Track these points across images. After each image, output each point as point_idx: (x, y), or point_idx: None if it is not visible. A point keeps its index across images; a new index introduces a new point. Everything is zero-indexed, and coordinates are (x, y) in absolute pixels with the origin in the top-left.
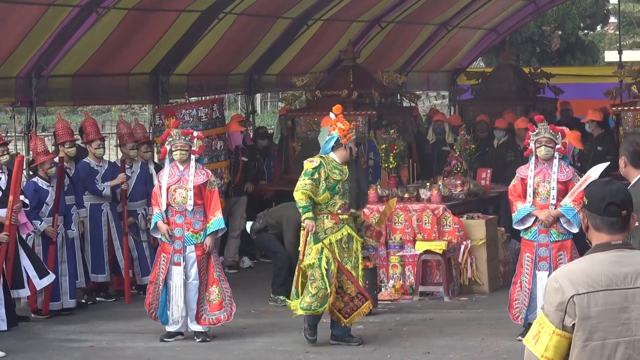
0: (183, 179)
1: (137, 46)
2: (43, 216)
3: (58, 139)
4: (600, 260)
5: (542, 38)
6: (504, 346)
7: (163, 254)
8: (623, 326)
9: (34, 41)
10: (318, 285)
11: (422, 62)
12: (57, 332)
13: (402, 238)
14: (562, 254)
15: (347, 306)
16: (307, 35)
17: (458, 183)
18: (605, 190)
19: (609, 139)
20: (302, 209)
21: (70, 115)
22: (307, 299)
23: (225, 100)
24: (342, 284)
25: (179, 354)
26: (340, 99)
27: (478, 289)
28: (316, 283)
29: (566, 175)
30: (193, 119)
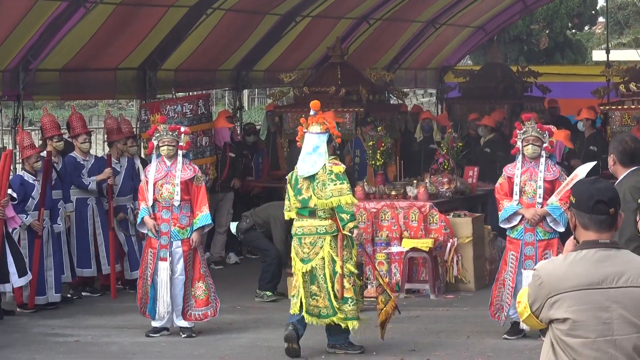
0: (170, 174)
1: (125, 41)
2: (29, 210)
3: (45, 133)
4: (585, 258)
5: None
6: (490, 344)
7: (150, 249)
8: (604, 325)
9: (22, 35)
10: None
11: (410, 60)
12: (43, 326)
13: (389, 235)
14: (548, 252)
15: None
16: (295, 32)
17: (445, 181)
18: (593, 189)
19: (601, 138)
20: (352, 215)
21: (57, 110)
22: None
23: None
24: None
25: (165, 350)
26: (327, 95)
27: (464, 286)
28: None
29: (553, 174)
30: (178, 115)
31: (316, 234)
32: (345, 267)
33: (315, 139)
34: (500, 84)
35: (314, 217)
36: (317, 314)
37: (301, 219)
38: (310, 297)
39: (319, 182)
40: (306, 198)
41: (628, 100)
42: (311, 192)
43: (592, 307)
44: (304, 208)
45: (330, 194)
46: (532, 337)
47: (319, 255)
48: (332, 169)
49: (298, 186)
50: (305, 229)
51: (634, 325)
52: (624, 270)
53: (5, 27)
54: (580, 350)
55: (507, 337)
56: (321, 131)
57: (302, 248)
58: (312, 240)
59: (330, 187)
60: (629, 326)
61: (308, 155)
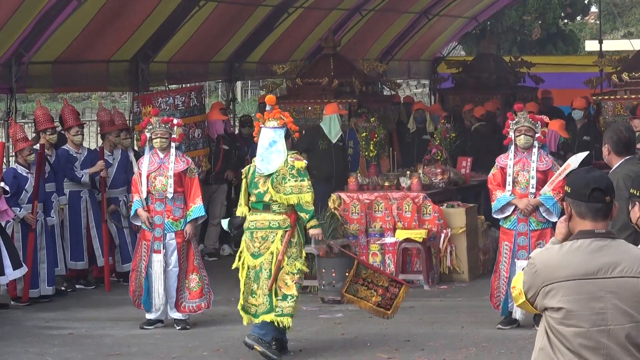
0: (163, 166)
1: (117, 33)
2: (22, 203)
3: (39, 126)
4: (581, 248)
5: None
6: (484, 334)
7: (143, 241)
8: (598, 315)
9: (14, 28)
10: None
11: (403, 51)
12: (37, 319)
13: (382, 226)
14: (541, 242)
15: (384, 298)
16: (287, 23)
17: (438, 171)
18: (589, 177)
19: (594, 128)
20: (311, 214)
21: (50, 102)
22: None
23: (206, 88)
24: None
25: (159, 342)
26: (320, 87)
27: (458, 277)
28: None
29: (545, 165)
30: (170, 107)
31: (268, 229)
32: (294, 265)
33: (271, 134)
34: (494, 74)
35: (267, 211)
36: (254, 313)
37: (255, 212)
38: (250, 295)
39: (278, 175)
40: (262, 192)
41: (621, 90)
42: (268, 186)
43: (586, 298)
44: (258, 202)
45: (290, 190)
46: (527, 327)
47: (269, 250)
48: (294, 164)
49: (255, 180)
50: (258, 222)
51: (628, 315)
52: (619, 261)
53: None
54: (573, 339)
55: (501, 327)
56: (278, 126)
57: (253, 242)
58: (263, 235)
59: (291, 183)
60: (622, 316)
61: (265, 150)
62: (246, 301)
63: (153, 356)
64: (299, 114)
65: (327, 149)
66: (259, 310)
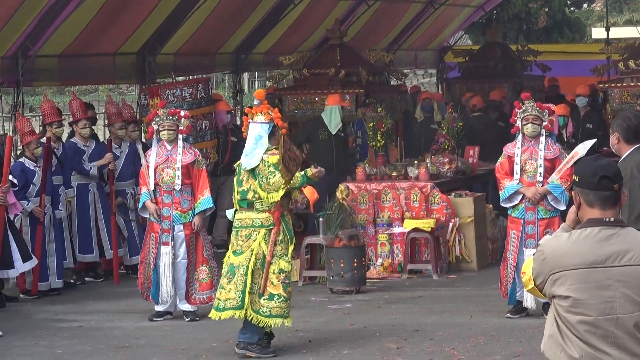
0: (171, 158)
1: (124, 26)
2: (30, 196)
3: (45, 119)
4: (589, 237)
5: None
6: (493, 323)
7: (152, 233)
8: (606, 304)
9: (20, 21)
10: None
11: (410, 40)
12: (46, 312)
13: (391, 216)
14: (549, 231)
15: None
16: (294, 14)
17: (446, 161)
18: (597, 165)
19: (597, 116)
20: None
21: (58, 96)
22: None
23: (213, 79)
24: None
25: (168, 334)
26: (327, 77)
27: (466, 266)
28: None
29: (553, 153)
30: (177, 99)
31: (252, 227)
32: (279, 263)
33: (258, 128)
34: (500, 63)
35: (251, 210)
36: (215, 306)
37: (241, 210)
38: (220, 288)
39: (262, 177)
40: (245, 189)
41: (627, 78)
42: (251, 184)
43: (594, 286)
44: (243, 200)
45: (269, 190)
46: (535, 316)
47: (250, 248)
48: (269, 160)
49: (240, 177)
50: (243, 221)
51: (636, 303)
52: (628, 249)
53: (3, 14)
54: (581, 327)
55: (509, 316)
56: (265, 121)
57: (237, 240)
58: (247, 233)
59: (274, 179)
60: (631, 304)
61: (251, 145)
62: (217, 297)
63: (162, 348)
64: (306, 105)
65: (328, 140)
66: (227, 304)
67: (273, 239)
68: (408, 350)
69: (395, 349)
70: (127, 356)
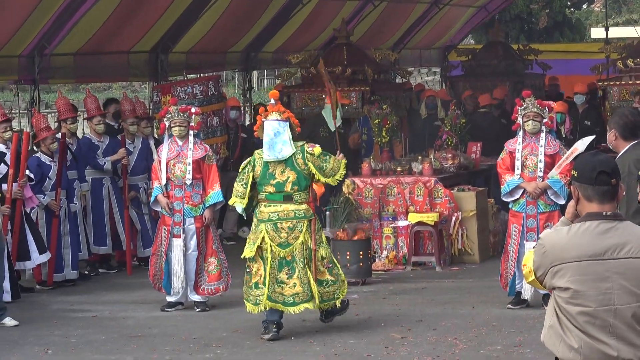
0: (182, 153)
1: (137, 25)
2: (46, 190)
3: (60, 115)
4: (588, 230)
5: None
6: (494, 314)
7: (164, 226)
8: (604, 295)
9: (37, 20)
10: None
11: (415, 40)
12: (61, 302)
13: (395, 210)
14: (549, 224)
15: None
16: (302, 14)
17: (449, 156)
18: (595, 161)
19: (595, 113)
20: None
21: (73, 93)
22: None
23: (223, 77)
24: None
25: (180, 323)
26: (334, 75)
27: (469, 259)
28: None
29: (553, 149)
30: (188, 96)
31: (295, 218)
32: (320, 251)
33: (275, 125)
34: (502, 61)
35: (289, 202)
36: (282, 302)
37: (272, 204)
38: (276, 284)
39: (316, 167)
40: (281, 182)
41: (626, 76)
42: (289, 176)
43: (593, 278)
44: (277, 192)
45: (332, 172)
46: (536, 307)
47: (298, 240)
48: (314, 152)
49: (269, 171)
50: (281, 213)
51: (634, 295)
52: (626, 242)
53: (20, 14)
54: (581, 318)
55: (510, 307)
56: (281, 119)
57: (279, 233)
58: (290, 225)
59: (330, 166)
60: (629, 296)
61: (271, 139)
62: (273, 291)
63: (174, 337)
64: (313, 102)
65: (328, 137)
66: (297, 299)
67: (314, 230)
68: (412, 340)
69: (399, 338)
70: (139, 345)
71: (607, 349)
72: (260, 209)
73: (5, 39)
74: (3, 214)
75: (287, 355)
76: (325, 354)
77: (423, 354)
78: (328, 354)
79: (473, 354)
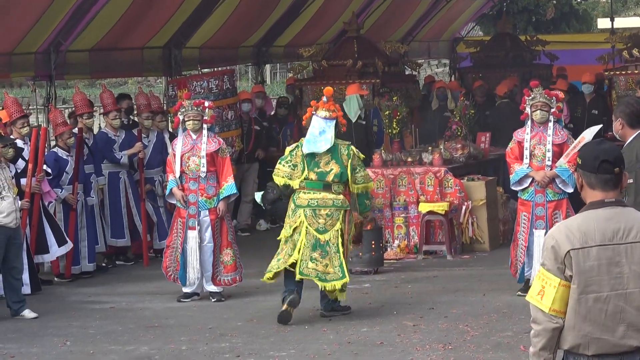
0: (196, 147)
1: (151, 21)
2: (63, 184)
3: (76, 110)
4: (594, 217)
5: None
6: (505, 301)
7: (179, 218)
8: (616, 280)
9: (52, 18)
10: None
11: (423, 32)
12: (79, 294)
13: (406, 200)
14: (557, 213)
15: None
16: (312, 8)
17: (459, 147)
18: (599, 149)
19: (602, 102)
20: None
21: (89, 88)
22: None
23: (237, 71)
24: None
25: (196, 314)
26: (345, 68)
27: (479, 247)
28: None
29: (561, 138)
30: (204, 90)
31: (333, 207)
32: (349, 242)
33: (322, 124)
34: (510, 52)
35: (328, 191)
36: (316, 276)
37: (312, 191)
38: (310, 260)
39: (351, 166)
40: (324, 172)
41: (631, 66)
42: (332, 168)
43: (604, 263)
44: (319, 181)
45: (362, 180)
46: None
47: (335, 227)
48: (359, 155)
49: (315, 159)
50: (321, 201)
51: None
52: (631, 226)
53: (36, 11)
54: (593, 304)
55: (521, 294)
56: (329, 117)
57: (317, 219)
58: (328, 212)
59: (361, 174)
60: (638, 279)
61: (315, 137)
62: (305, 267)
63: (190, 327)
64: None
65: (348, 128)
66: (329, 277)
67: (348, 219)
68: (424, 327)
69: (411, 326)
70: (156, 335)
71: (617, 337)
72: (298, 195)
73: (21, 36)
74: (23, 208)
75: (301, 344)
76: (338, 342)
77: (435, 340)
78: (341, 342)
79: (484, 340)
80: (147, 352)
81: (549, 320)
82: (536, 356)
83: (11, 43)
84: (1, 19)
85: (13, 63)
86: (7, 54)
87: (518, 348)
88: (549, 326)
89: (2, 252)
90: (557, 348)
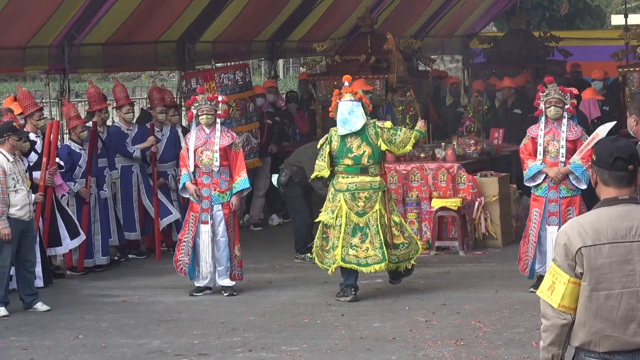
0: (209, 141)
1: (164, 15)
2: (76, 178)
3: (91, 106)
4: (607, 214)
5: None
6: (517, 297)
7: (192, 213)
8: (627, 277)
9: (66, 11)
10: None
11: (437, 28)
12: (92, 287)
13: (419, 195)
14: (571, 209)
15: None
16: (326, 3)
17: (472, 142)
18: (613, 146)
19: (613, 99)
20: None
21: (102, 82)
22: None
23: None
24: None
25: (208, 308)
26: (358, 63)
27: (492, 243)
28: None
29: (575, 134)
30: (231, 82)
31: (371, 189)
32: (392, 219)
33: (349, 105)
34: (524, 49)
35: (366, 174)
36: (356, 262)
37: (349, 175)
38: (350, 247)
39: (385, 141)
40: (358, 155)
41: None
42: (365, 150)
43: (616, 261)
44: (355, 165)
45: (403, 142)
46: None
47: (374, 209)
48: (385, 126)
49: (347, 146)
50: (359, 184)
51: None
52: None
53: (50, 5)
54: (604, 301)
55: (533, 290)
56: (354, 99)
57: (357, 202)
58: (367, 195)
59: (400, 138)
60: None
61: (345, 118)
62: (347, 254)
63: (202, 321)
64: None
65: None
66: (369, 260)
67: (388, 199)
68: (436, 323)
69: (423, 321)
70: (168, 329)
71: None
72: (337, 180)
73: (35, 30)
74: (37, 201)
75: (314, 339)
76: (350, 337)
77: (447, 336)
78: (354, 337)
79: (496, 336)
80: (159, 346)
81: (558, 316)
82: (545, 351)
83: (25, 36)
84: (15, 13)
85: (27, 56)
86: (21, 47)
87: (530, 344)
88: (557, 322)
89: (15, 245)
90: (567, 344)
